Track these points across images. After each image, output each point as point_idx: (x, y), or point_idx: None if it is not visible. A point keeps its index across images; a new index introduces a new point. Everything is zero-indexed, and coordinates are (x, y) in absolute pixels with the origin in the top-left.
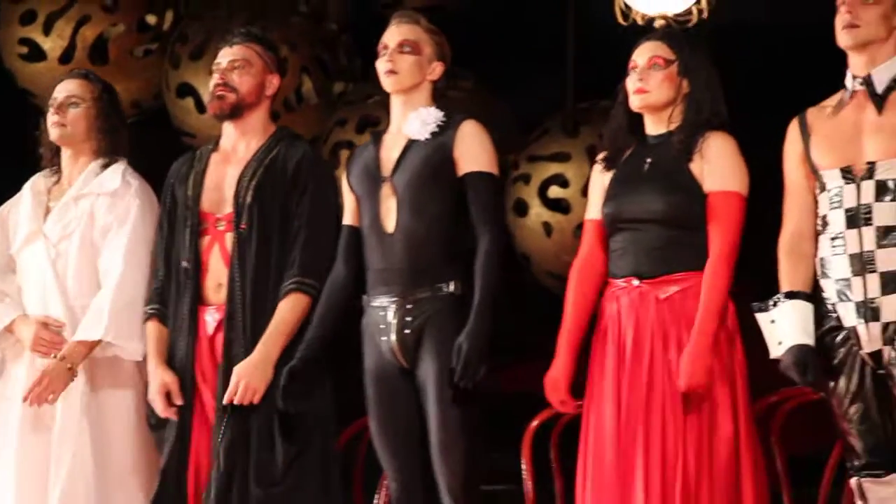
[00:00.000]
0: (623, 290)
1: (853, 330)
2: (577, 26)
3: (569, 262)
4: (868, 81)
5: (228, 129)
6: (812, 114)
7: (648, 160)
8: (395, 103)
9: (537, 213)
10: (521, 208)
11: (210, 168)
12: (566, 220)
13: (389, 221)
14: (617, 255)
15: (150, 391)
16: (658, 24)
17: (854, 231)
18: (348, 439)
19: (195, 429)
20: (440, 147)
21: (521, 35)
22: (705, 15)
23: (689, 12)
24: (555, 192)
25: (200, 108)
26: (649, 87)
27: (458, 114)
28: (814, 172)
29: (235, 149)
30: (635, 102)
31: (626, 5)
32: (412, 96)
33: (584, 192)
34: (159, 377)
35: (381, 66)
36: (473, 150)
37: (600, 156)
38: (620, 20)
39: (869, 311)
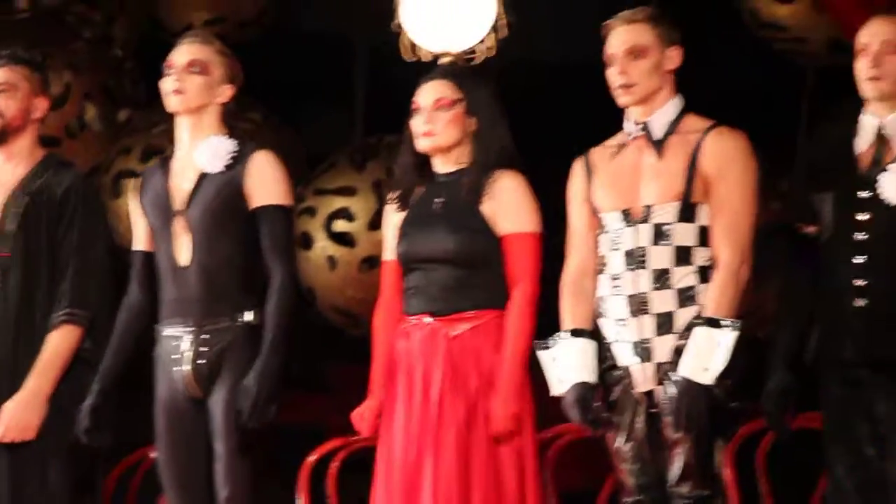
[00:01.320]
0: (415, 328)
1: (628, 369)
2: (366, 61)
3: (354, 296)
4: (647, 128)
5: None
6: (596, 154)
7: (439, 200)
8: (182, 126)
9: (322, 246)
10: (306, 241)
11: None
12: (351, 254)
13: (183, 255)
14: (410, 294)
15: None
16: (445, 60)
17: (631, 273)
18: (126, 468)
19: None
20: (231, 180)
21: (310, 68)
22: (492, 52)
23: (475, 50)
24: (340, 225)
25: None
26: (436, 129)
27: (249, 143)
28: (595, 213)
29: (0, 175)
30: (423, 145)
31: (413, 41)
32: (200, 119)
33: (370, 226)
34: None
35: (167, 84)
36: (265, 183)
37: (391, 195)
38: (407, 56)
39: (643, 351)
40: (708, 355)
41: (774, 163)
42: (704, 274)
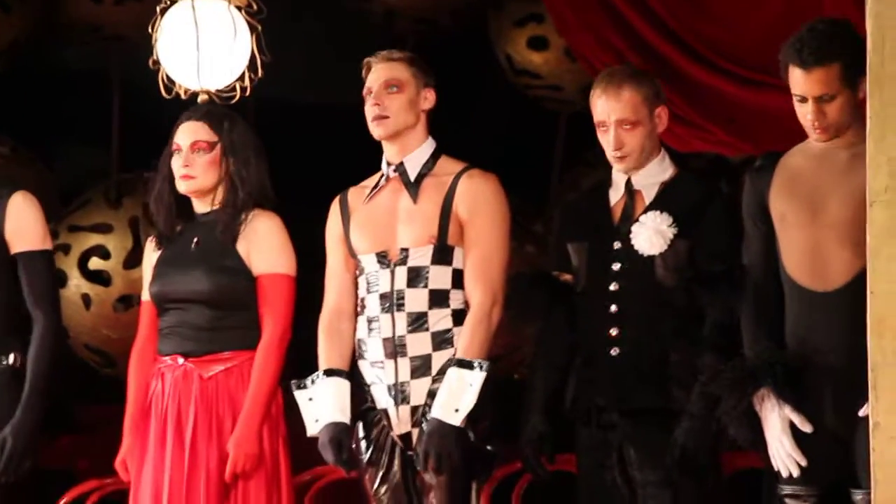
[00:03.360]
0: (168, 368)
1: (385, 412)
2: (122, 97)
3: (108, 335)
4: (401, 169)
5: None
6: (353, 194)
7: (195, 239)
8: None
9: (77, 284)
10: (61, 279)
11: None
12: (106, 293)
13: None
14: (164, 334)
15: None
16: (202, 98)
17: (388, 315)
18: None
19: None
20: None
21: (65, 102)
22: (248, 92)
23: (232, 88)
24: (95, 263)
25: None
26: (195, 172)
27: (7, 186)
28: (353, 255)
29: None
30: (182, 187)
31: (169, 78)
32: None
33: (126, 264)
34: None
35: None
36: (23, 227)
37: (151, 236)
38: (164, 93)
39: (399, 394)
40: (459, 396)
41: (528, 206)
42: (460, 316)
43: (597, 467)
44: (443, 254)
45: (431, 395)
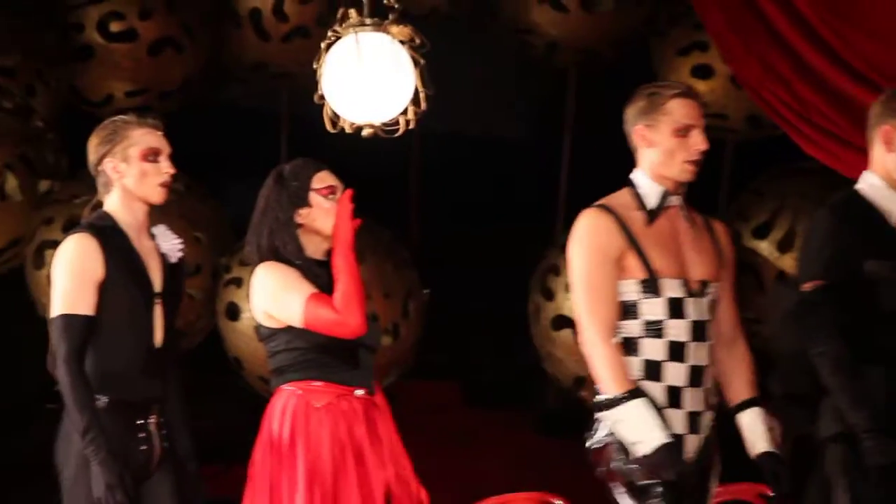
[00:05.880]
0: None
1: (680, 437)
2: (289, 131)
3: None
4: (681, 201)
5: None
6: (620, 213)
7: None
8: None
9: (249, 317)
10: (233, 312)
11: None
12: None
13: None
14: None
15: None
16: (366, 132)
17: (696, 344)
18: None
19: None
20: None
21: (234, 137)
22: (412, 125)
23: (396, 122)
24: None
25: None
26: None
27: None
28: (647, 274)
29: None
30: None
31: (335, 113)
32: None
33: None
34: None
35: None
36: None
37: None
38: (329, 128)
39: (694, 423)
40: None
41: None
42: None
43: None
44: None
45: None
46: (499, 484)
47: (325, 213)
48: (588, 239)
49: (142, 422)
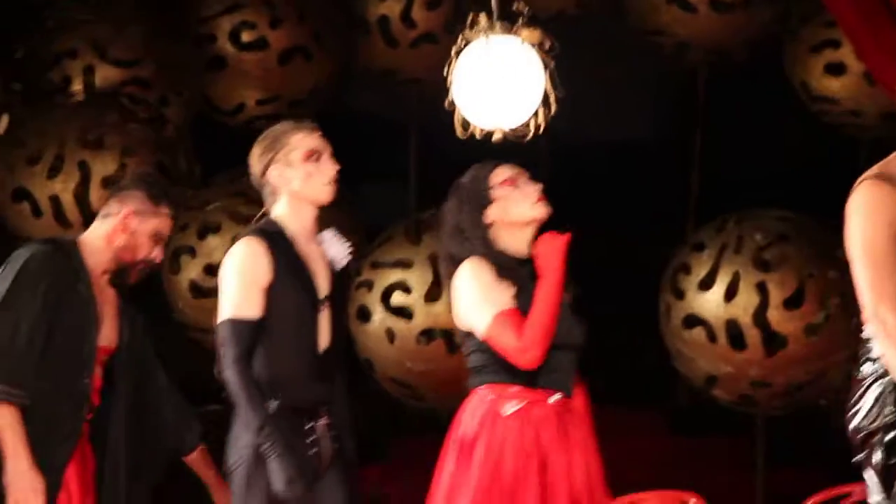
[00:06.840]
0: None
1: None
2: (419, 137)
3: (412, 368)
4: None
5: None
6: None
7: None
8: None
9: (380, 319)
10: (365, 315)
11: None
12: (408, 327)
13: None
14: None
15: None
16: (496, 138)
17: None
18: None
19: None
20: None
21: (365, 143)
22: (542, 129)
23: (526, 126)
24: (398, 298)
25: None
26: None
27: None
28: None
29: None
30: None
31: (465, 119)
32: None
33: (427, 298)
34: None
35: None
36: None
37: None
38: (460, 134)
39: None
40: None
41: (830, 233)
42: None
43: None
44: None
45: None
46: (630, 482)
47: (513, 202)
48: (871, 210)
49: (311, 425)
